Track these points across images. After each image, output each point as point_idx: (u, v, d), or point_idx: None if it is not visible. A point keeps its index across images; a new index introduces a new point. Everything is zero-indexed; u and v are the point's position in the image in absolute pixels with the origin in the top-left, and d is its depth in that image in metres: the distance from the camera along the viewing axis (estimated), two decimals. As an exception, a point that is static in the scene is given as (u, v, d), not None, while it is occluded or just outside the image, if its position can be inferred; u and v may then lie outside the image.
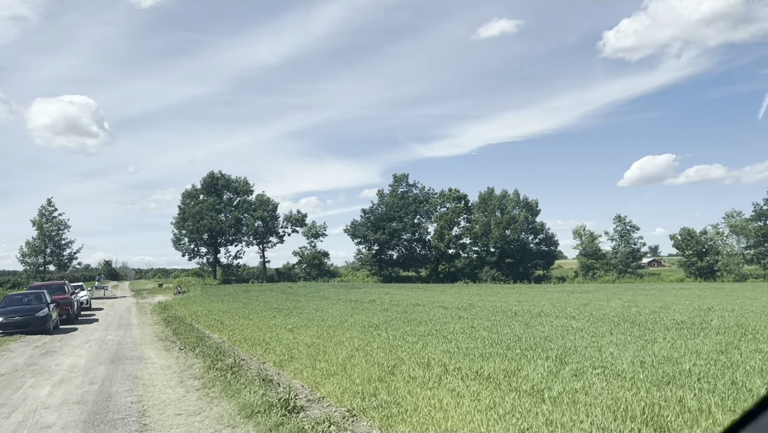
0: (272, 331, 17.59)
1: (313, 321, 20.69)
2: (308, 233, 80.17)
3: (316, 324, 19.34)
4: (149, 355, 14.26)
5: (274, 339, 15.28)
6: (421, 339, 13.85)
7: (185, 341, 16.70)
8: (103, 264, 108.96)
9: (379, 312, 23.99)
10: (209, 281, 72.60)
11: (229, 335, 17.49)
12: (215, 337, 17.93)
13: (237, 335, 17.22)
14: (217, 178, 78.14)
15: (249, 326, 19.96)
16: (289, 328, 18.10)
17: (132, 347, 16.05)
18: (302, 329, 17.81)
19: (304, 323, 20.11)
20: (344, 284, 68.22)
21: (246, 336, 16.49)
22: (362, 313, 23.86)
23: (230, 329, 19.35)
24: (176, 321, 24.41)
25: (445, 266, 76.40)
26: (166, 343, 17.12)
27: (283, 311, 26.79)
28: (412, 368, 9.68)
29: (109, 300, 47.87)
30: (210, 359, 12.28)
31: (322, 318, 21.59)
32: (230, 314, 26.25)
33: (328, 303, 32.59)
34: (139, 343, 17.20)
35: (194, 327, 21.53)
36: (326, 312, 25.15)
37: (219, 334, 18.48)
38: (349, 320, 20.45)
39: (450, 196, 76.98)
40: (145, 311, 34.58)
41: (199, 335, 18.30)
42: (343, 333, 16.03)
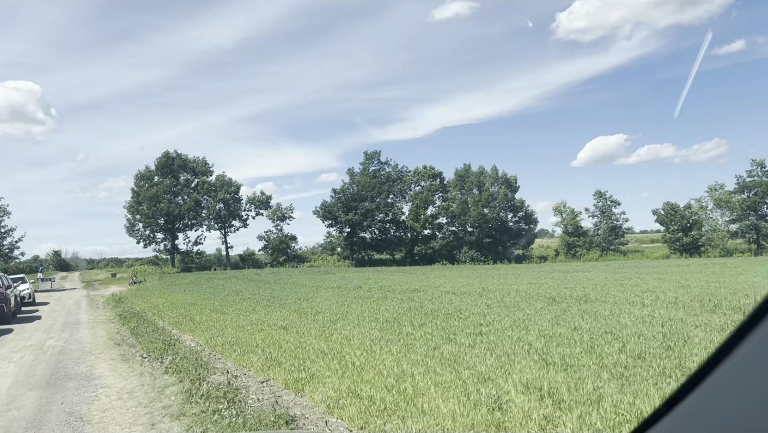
0: (261, 330, 14.16)
1: (304, 314, 17.31)
2: (273, 215, 76.14)
3: (311, 319, 15.98)
4: (101, 371, 10.68)
5: (269, 342, 11.87)
6: (485, 343, 10.51)
7: (149, 346, 13.17)
8: (52, 254, 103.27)
9: (379, 301, 20.74)
10: (167, 269, 68.19)
11: (206, 336, 13.99)
12: (187, 339, 14.40)
13: (216, 336, 13.74)
14: (173, 159, 73.19)
15: (227, 322, 16.47)
16: (281, 325, 14.67)
17: (78, 357, 12.42)
18: (297, 326, 14.41)
19: (294, 317, 16.71)
20: (315, 269, 64.75)
21: (229, 338, 13.02)
22: (358, 302, 20.56)
23: (204, 327, 15.84)
24: (134, 317, 20.73)
25: (421, 247, 73.51)
26: (124, 349, 13.54)
27: (261, 302, 23.29)
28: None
29: (56, 293, 43.39)
30: (189, 378, 8.87)
31: (315, 310, 18.22)
32: (199, 307, 22.65)
33: (308, 291, 29.21)
34: (89, 350, 13.55)
35: (157, 325, 17.95)
36: (313, 302, 21.78)
37: (191, 335, 14.95)
38: (350, 312, 17.13)
39: (425, 174, 73.86)
40: (97, 304, 30.59)
41: (165, 336, 14.75)
42: (357, 331, 12.72)
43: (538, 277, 32.39)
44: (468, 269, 52.76)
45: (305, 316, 16.92)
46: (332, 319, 15.46)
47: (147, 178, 72.55)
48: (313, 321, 15.30)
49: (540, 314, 14.42)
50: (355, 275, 44.96)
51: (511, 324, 12.64)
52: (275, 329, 14.18)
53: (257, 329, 14.28)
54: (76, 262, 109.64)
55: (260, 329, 14.27)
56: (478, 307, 16.75)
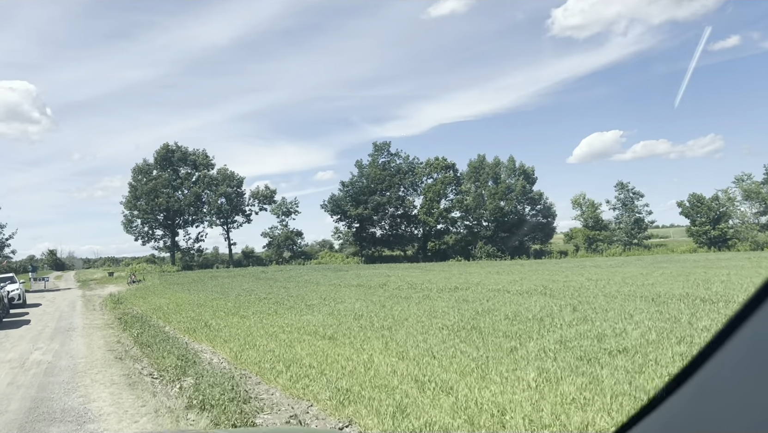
0: (299, 339, 11.39)
1: (343, 319, 14.56)
2: (278, 210, 73.25)
3: (355, 324, 13.22)
4: (100, 404, 7.87)
5: (320, 359, 9.11)
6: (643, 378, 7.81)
7: (160, 363, 10.43)
8: (47, 254, 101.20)
9: (422, 302, 18.00)
10: (167, 267, 65.36)
11: (231, 348, 11.23)
12: (206, 351, 11.65)
13: (245, 347, 10.99)
14: (172, 151, 70.19)
15: (252, 329, 13.71)
16: (323, 333, 11.91)
17: (69, 380, 9.64)
18: (345, 334, 11.64)
19: (332, 321, 13.96)
20: (323, 266, 61.91)
21: (263, 352, 10.26)
22: (398, 303, 17.83)
23: (225, 335, 13.09)
24: (137, 322, 17.99)
25: (434, 243, 70.66)
26: (128, 366, 10.78)
27: (281, 303, 20.56)
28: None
29: (50, 293, 40.63)
30: (226, 417, 6.11)
31: (354, 313, 15.47)
32: (211, 309, 19.93)
33: (329, 290, 26.48)
34: (83, 368, 10.77)
35: (166, 332, 15.22)
36: (343, 303, 19.06)
37: (210, 345, 12.18)
38: (399, 316, 14.38)
39: (437, 166, 70.86)
40: (94, 306, 27.86)
41: (178, 347, 12.00)
42: (434, 343, 9.94)
43: (582, 272, 29.63)
44: (490, 265, 49.98)
45: (344, 320, 14.17)
46: (384, 325, 12.70)
47: (145, 172, 69.62)
48: (360, 328, 12.53)
49: (681, 319, 11.67)
50: (370, 272, 42.21)
51: (671, 338, 9.87)
52: (318, 338, 11.42)
53: (295, 339, 11.51)
54: (72, 261, 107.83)
55: (298, 339, 11.50)
56: (563, 310, 13.93)
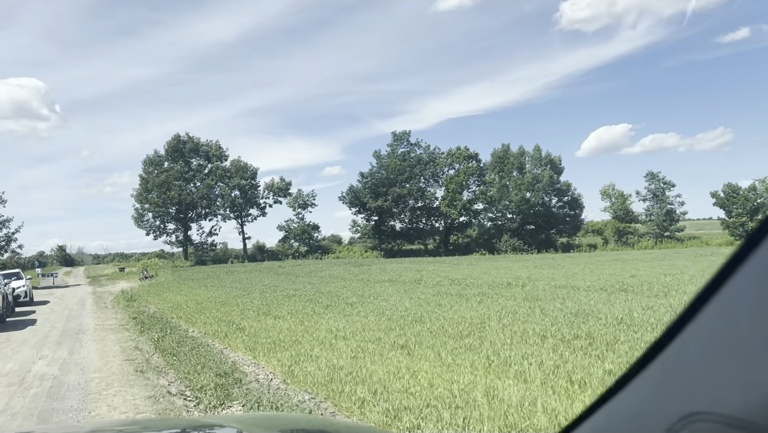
0: (363, 348, 9.26)
1: (397, 321, 12.46)
2: (294, 203, 71.17)
3: (424, 329, 11.09)
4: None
5: (409, 380, 6.96)
6: None
7: (193, 379, 8.36)
8: (56, 249, 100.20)
9: (481, 300, 15.86)
10: (180, 262, 63.57)
11: (277, 359, 9.13)
12: (245, 362, 9.56)
13: (298, 359, 8.88)
14: (184, 142, 68.20)
15: (297, 333, 11.63)
16: (392, 343, 9.75)
17: (80, 407, 7.52)
18: (418, 343, 9.49)
19: (391, 326, 11.81)
20: (342, 260, 59.86)
21: (327, 368, 8.12)
22: (456, 301, 15.69)
23: (265, 340, 11.00)
24: (155, 323, 15.99)
25: (457, 236, 68.34)
26: (152, 383, 8.70)
27: (314, 300, 18.46)
28: None
29: (59, 290, 38.83)
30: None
31: (412, 317, 13.33)
32: (237, 308, 17.91)
33: (361, 286, 24.41)
34: (96, 388, 8.69)
35: (190, 336, 13.19)
36: (387, 302, 16.98)
37: (251, 354, 10.08)
38: (480, 321, 12.23)
39: (459, 156, 68.39)
40: (105, 303, 25.94)
41: (211, 357, 9.95)
42: (569, 367, 7.78)
43: (639, 265, 27.41)
44: (521, 259, 47.75)
45: (403, 324, 12.04)
46: (460, 331, 10.53)
47: (156, 164, 67.73)
48: (430, 334, 10.40)
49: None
50: (395, 267, 40.08)
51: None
52: (386, 347, 9.28)
53: (356, 348, 9.38)
54: (81, 257, 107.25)
55: (360, 348, 9.37)
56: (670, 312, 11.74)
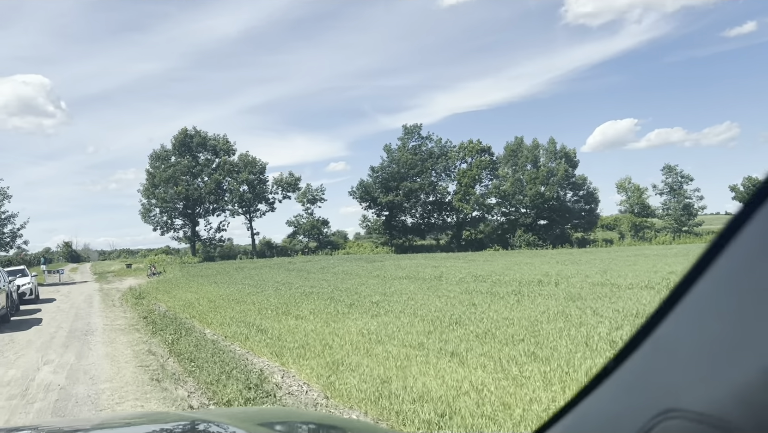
0: (407, 356, 8.25)
1: (434, 324, 11.45)
2: (303, 198, 70.14)
3: (472, 334, 10.07)
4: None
5: (475, 397, 5.95)
6: None
7: (218, 392, 7.38)
8: (62, 246, 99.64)
9: (522, 299, 14.84)
10: (188, 258, 62.71)
11: (310, 367, 8.14)
12: (273, 369, 8.58)
13: (331, 367, 7.88)
14: (191, 136, 67.18)
15: (322, 336, 10.64)
16: (438, 349, 8.73)
17: (90, 422, 6.62)
18: (471, 352, 8.46)
19: (429, 329, 10.81)
20: (353, 256, 58.83)
21: (372, 380, 7.11)
22: (492, 301, 14.68)
23: (290, 345, 10.02)
24: (168, 323, 15.04)
25: (470, 231, 67.18)
26: (171, 394, 7.73)
27: (336, 300, 17.47)
28: None
29: (65, 287, 38.02)
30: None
31: (448, 317, 12.33)
32: (253, 307, 16.97)
33: (380, 284, 23.45)
34: (108, 401, 7.67)
35: (207, 337, 12.24)
36: (415, 301, 16.01)
37: (278, 361, 9.09)
38: (530, 324, 11.21)
39: (472, 149, 67.14)
40: (113, 301, 25.06)
41: (234, 363, 8.97)
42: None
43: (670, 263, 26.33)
44: (538, 255, 46.66)
45: (441, 326, 11.03)
46: (512, 335, 9.50)
47: (163, 159, 66.79)
48: (476, 338, 9.38)
49: None
50: (409, 262, 39.09)
51: None
52: (434, 354, 8.26)
53: (399, 355, 8.36)
54: (87, 253, 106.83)
55: (404, 355, 8.36)
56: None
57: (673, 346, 0.79)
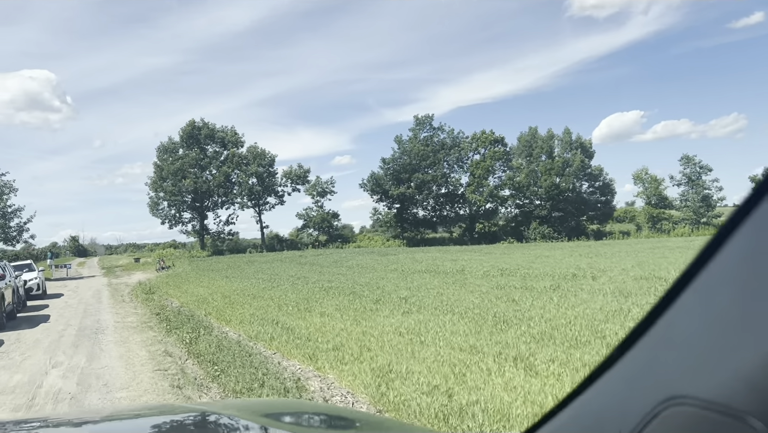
0: (461, 361, 7.32)
1: (479, 323, 10.52)
2: (313, 190, 69.21)
3: (528, 336, 9.14)
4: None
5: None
6: None
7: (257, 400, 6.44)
8: (69, 240, 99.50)
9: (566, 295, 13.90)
10: (197, 252, 61.99)
11: (352, 373, 7.22)
12: (307, 374, 7.68)
13: (376, 373, 6.95)
14: (199, 128, 66.26)
15: (355, 336, 9.74)
16: (502, 355, 7.78)
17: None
18: (540, 361, 7.53)
19: (473, 330, 9.88)
20: (364, 249, 57.96)
21: (431, 390, 6.17)
22: (532, 297, 13.72)
23: (323, 346, 9.12)
24: (184, 320, 14.20)
25: (483, 223, 66.12)
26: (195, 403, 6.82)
27: (360, 295, 16.58)
28: None
29: (72, 281, 37.32)
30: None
31: (492, 316, 11.40)
32: (272, 303, 16.10)
33: (401, 277, 22.58)
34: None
35: (228, 337, 11.36)
36: (446, 297, 15.11)
37: (312, 364, 8.18)
38: (595, 324, 10.26)
39: (485, 140, 65.98)
40: (122, 296, 24.26)
41: (260, 366, 8.09)
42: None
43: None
44: (556, 247, 45.66)
45: (489, 326, 10.10)
46: (575, 339, 8.55)
47: (171, 151, 65.97)
48: (534, 341, 8.43)
49: None
50: (425, 256, 38.15)
51: None
52: (492, 359, 7.31)
53: (454, 360, 7.42)
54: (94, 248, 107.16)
55: (457, 359, 7.43)
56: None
57: (678, 334, 0.79)
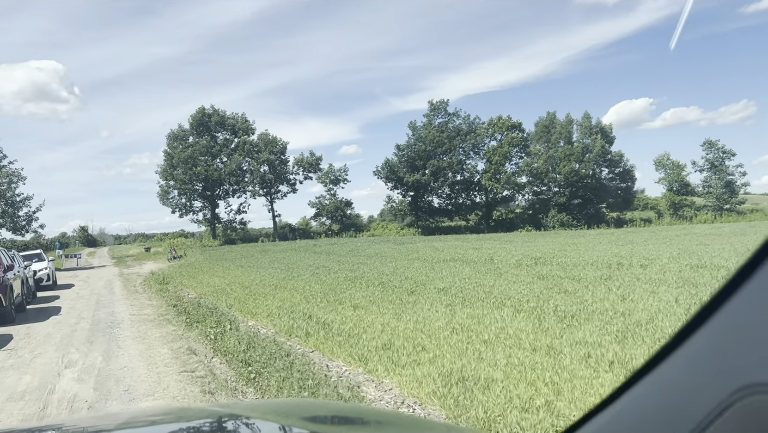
0: (548, 367, 6.29)
1: (540, 318, 9.49)
2: (325, 178, 68.17)
3: (604, 332, 8.09)
4: None
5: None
6: None
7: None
8: (78, 230, 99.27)
9: (621, 286, 12.84)
10: (208, 241, 61.21)
11: (414, 378, 6.20)
12: (358, 379, 6.68)
13: (444, 379, 5.92)
14: (209, 115, 65.29)
15: (401, 331, 8.73)
16: (598, 355, 6.76)
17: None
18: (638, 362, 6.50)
19: (545, 325, 8.87)
20: (378, 238, 56.95)
21: (521, 402, 5.15)
22: (580, 288, 12.70)
23: (369, 344, 8.13)
24: (203, 312, 13.26)
25: (500, 211, 64.89)
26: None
27: (391, 286, 15.58)
28: None
29: (83, 271, 36.59)
30: None
31: (552, 310, 10.36)
32: (293, 293, 15.16)
33: (426, 267, 21.56)
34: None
35: (255, 332, 10.40)
36: (487, 288, 14.09)
37: (360, 366, 7.18)
38: (674, 319, 9.21)
39: (501, 125, 64.59)
40: (135, 286, 23.42)
41: (302, 368, 7.09)
42: None
43: (742, 241, 24.02)
44: (579, 235, 44.48)
45: (553, 323, 9.05)
46: (664, 337, 7.50)
47: (181, 139, 65.08)
48: (616, 341, 7.37)
49: None
50: (444, 244, 37.11)
51: None
52: (580, 362, 6.26)
53: (534, 364, 6.38)
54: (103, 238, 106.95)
55: (539, 364, 6.38)
56: None
57: (752, 316, 0.75)
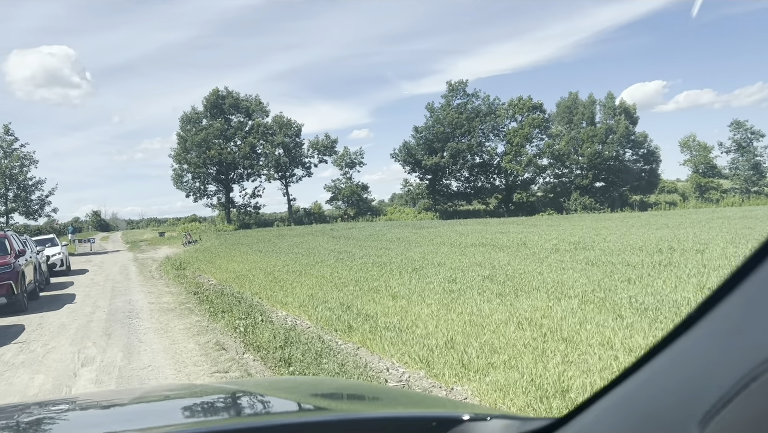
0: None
1: (607, 304, 8.47)
2: (341, 162, 67.12)
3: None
4: None
5: None
6: None
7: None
8: (91, 215, 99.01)
9: (695, 274, 11.78)
10: (223, 226, 60.47)
11: (494, 385, 5.21)
12: (419, 381, 5.70)
13: (545, 396, 4.94)
14: (223, 97, 64.23)
15: (466, 330, 7.75)
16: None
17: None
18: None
19: (631, 321, 7.85)
20: (396, 222, 55.88)
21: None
22: (644, 275, 11.68)
23: (425, 342, 7.18)
24: (228, 301, 12.40)
25: (521, 194, 63.62)
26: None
27: (426, 273, 14.61)
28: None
29: (97, 256, 35.99)
30: None
31: (629, 303, 9.35)
32: (321, 281, 14.26)
33: (456, 252, 20.53)
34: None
35: (290, 325, 9.48)
36: (535, 273, 13.07)
37: (423, 367, 6.20)
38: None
39: (522, 106, 63.07)
40: (151, 272, 22.67)
41: (357, 372, 6.12)
42: None
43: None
44: (606, 219, 43.24)
45: (640, 320, 8.04)
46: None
47: (194, 122, 64.16)
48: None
49: None
50: (466, 228, 36.03)
51: None
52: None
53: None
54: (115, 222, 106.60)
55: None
56: None
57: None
